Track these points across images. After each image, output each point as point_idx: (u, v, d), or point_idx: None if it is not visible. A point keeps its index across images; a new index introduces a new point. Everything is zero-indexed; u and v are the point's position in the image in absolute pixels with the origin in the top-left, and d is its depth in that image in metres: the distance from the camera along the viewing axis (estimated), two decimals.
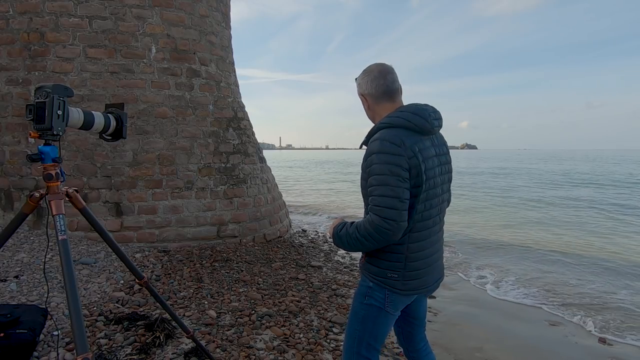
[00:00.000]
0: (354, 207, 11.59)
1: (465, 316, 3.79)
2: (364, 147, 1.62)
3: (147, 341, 2.53)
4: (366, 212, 1.57)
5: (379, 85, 1.61)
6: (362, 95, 1.67)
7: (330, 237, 1.71)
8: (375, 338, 1.63)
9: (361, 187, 1.62)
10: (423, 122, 1.52)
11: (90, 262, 3.89)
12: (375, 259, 1.58)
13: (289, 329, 2.98)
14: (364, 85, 1.65)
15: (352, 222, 1.60)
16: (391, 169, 1.42)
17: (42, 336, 2.41)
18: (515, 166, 41.71)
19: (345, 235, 1.56)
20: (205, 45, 5.37)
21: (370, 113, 1.68)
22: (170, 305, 3.15)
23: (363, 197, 1.62)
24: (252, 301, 3.44)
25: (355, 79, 1.69)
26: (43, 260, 3.65)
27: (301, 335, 2.91)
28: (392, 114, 1.56)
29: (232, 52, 6.11)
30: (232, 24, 6.27)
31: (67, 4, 4.62)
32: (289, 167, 41.65)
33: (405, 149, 1.45)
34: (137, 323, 2.75)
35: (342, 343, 2.86)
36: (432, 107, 1.61)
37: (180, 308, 3.18)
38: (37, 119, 1.37)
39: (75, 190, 1.60)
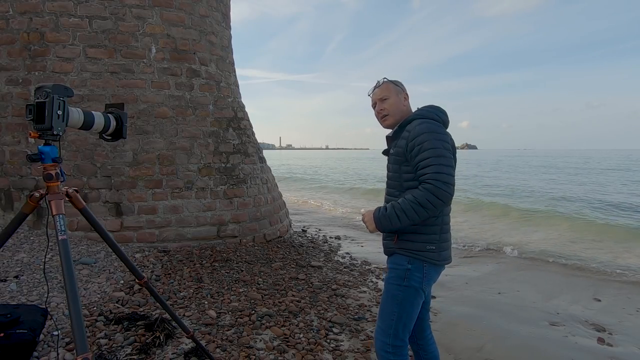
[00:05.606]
0: None
1: (466, 316, 3.79)
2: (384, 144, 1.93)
3: (147, 341, 2.53)
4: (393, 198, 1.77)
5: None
6: (404, 92, 1.92)
7: (368, 225, 1.74)
8: (411, 320, 1.71)
9: (392, 176, 1.81)
10: (446, 117, 1.80)
11: (90, 262, 3.89)
12: (413, 235, 1.70)
13: (289, 329, 2.98)
14: (402, 87, 1.94)
15: (386, 205, 1.72)
16: (444, 145, 1.64)
17: (42, 336, 2.41)
18: None
19: (397, 211, 1.62)
20: (205, 45, 5.37)
21: (403, 106, 1.88)
22: (170, 305, 3.15)
23: (391, 187, 1.81)
24: (252, 301, 3.44)
25: (376, 86, 1.93)
26: (43, 260, 3.65)
27: (301, 335, 2.91)
28: (422, 109, 1.82)
29: (232, 52, 6.11)
30: (232, 24, 6.27)
31: (67, 4, 4.62)
32: None
33: (445, 133, 1.72)
34: (137, 323, 2.76)
35: (342, 343, 2.87)
36: None
37: (180, 308, 3.18)
38: (37, 119, 1.37)
39: (75, 190, 1.60)
